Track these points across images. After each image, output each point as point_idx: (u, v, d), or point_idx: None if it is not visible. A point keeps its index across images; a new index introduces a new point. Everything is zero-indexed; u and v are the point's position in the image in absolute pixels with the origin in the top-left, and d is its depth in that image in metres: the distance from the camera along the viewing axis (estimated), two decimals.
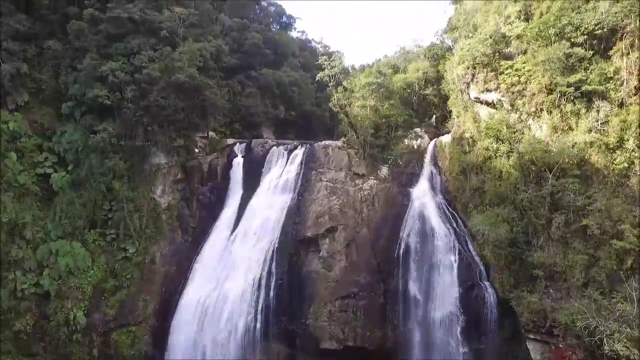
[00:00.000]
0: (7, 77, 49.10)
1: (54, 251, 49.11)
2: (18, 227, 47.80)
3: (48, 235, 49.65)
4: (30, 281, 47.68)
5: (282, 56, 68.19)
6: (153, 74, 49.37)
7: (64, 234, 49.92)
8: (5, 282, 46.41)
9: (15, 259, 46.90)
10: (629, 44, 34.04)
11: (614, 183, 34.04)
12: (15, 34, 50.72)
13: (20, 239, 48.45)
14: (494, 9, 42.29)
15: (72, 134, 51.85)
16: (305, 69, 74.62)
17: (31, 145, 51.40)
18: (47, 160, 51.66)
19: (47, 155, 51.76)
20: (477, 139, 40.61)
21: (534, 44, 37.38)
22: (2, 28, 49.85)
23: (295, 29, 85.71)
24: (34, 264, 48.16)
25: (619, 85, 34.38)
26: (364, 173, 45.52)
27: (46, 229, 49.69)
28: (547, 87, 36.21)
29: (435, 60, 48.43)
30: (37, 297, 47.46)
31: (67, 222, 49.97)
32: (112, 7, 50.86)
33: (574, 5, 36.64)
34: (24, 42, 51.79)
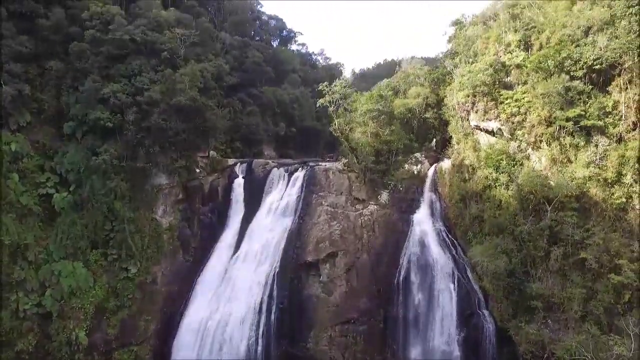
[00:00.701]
0: (9, 99, 49.23)
1: (56, 272, 49.22)
2: (20, 248, 47.92)
3: (50, 256, 49.74)
4: (33, 301, 47.76)
5: (282, 73, 68.45)
6: (154, 96, 49.57)
7: (66, 254, 50.04)
8: (7, 303, 46.52)
9: (17, 279, 47.02)
10: (627, 80, 34.30)
11: (612, 217, 34.41)
12: (18, 55, 50.81)
13: (22, 259, 48.53)
14: (494, 37, 42.50)
15: (74, 155, 51.94)
16: (306, 84, 74.91)
17: (33, 166, 51.47)
18: (49, 180, 51.75)
19: (49, 176, 51.88)
20: (476, 168, 40.92)
21: (534, 75, 37.60)
22: (4, 50, 49.85)
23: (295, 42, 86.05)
24: (36, 285, 48.29)
25: (617, 120, 34.71)
26: (365, 198, 45.80)
27: (48, 249, 49.79)
28: (547, 120, 36.53)
29: (435, 84, 48.66)
30: (39, 317, 47.58)
31: (69, 242, 50.15)
32: (114, 28, 50.83)
33: (574, 38, 36.82)
34: (26, 63, 51.87)
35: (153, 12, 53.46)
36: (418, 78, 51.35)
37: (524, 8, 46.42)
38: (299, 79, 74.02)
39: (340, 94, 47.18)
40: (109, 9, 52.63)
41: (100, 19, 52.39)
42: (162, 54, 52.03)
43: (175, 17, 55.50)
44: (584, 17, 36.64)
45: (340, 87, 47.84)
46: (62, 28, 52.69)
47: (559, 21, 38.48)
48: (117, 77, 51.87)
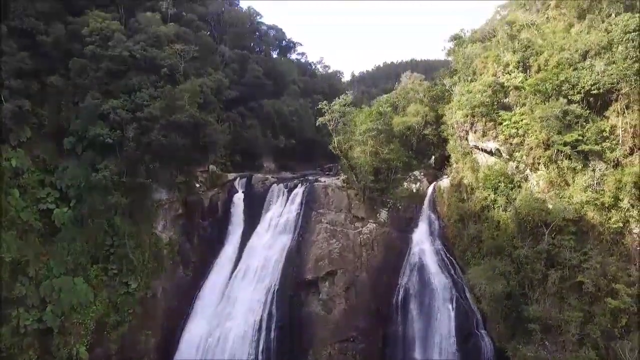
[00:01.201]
0: (10, 116, 49.38)
1: (57, 287, 49.38)
2: (21, 264, 48.21)
3: (51, 272, 49.91)
4: (33, 317, 48.01)
5: (282, 85, 68.61)
6: (154, 113, 49.75)
7: (67, 269, 50.23)
8: (8, 319, 46.78)
9: (18, 295, 47.27)
10: (624, 105, 34.50)
11: (609, 241, 34.66)
12: (18, 71, 50.90)
13: (23, 275, 48.76)
14: (492, 56, 42.70)
15: (74, 170, 51.99)
16: (306, 94, 75.10)
17: (33, 181, 51.60)
18: (49, 195, 51.87)
19: (50, 191, 51.99)
20: (475, 188, 41.15)
21: (532, 98, 37.79)
22: (5, 67, 49.96)
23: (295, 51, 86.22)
24: (36, 300, 48.50)
25: (615, 145, 34.90)
26: (364, 216, 46.03)
27: (49, 265, 49.97)
28: (545, 143, 36.78)
29: (434, 101, 48.85)
30: (40, 333, 47.78)
31: (69, 258, 50.39)
32: (113, 45, 50.95)
33: (571, 61, 37.01)
34: (26, 79, 51.94)
35: (152, 28, 53.54)
36: (417, 94, 51.50)
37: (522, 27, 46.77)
38: (298, 90, 74.17)
39: (339, 113, 47.39)
40: (108, 25, 52.70)
41: (100, 35, 52.49)
42: (162, 70, 52.16)
43: (175, 32, 55.62)
44: (582, 41, 36.85)
45: (340, 105, 48.03)
46: (62, 44, 52.78)
47: (557, 43, 38.68)
48: (117, 93, 52.02)
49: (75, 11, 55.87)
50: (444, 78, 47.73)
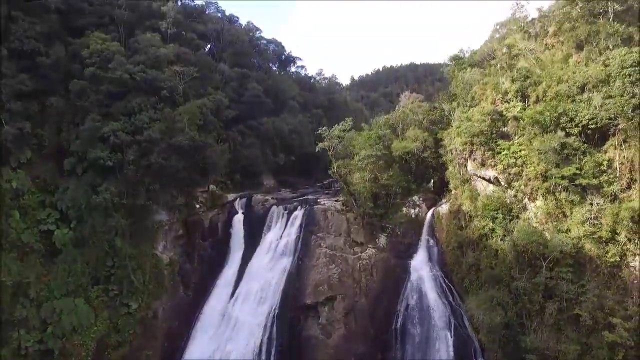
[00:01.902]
0: (10, 139, 49.55)
1: (58, 309, 49.70)
2: (22, 286, 48.47)
3: (52, 293, 50.18)
4: (34, 339, 48.34)
5: (281, 102, 68.75)
6: (154, 136, 49.93)
7: (68, 291, 50.53)
8: (9, 341, 47.11)
9: (19, 317, 47.55)
10: (622, 140, 34.72)
11: (607, 274, 34.93)
12: (18, 93, 51.05)
13: (24, 297, 48.99)
14: (491, 84, 42.85)
15: (75, 191, 52.14)
16: (305, 109, 75.31)
17: (34, 202, 51.88)
18: (49, 216, 52.12)
19: (50, 212, 52.23)
20: (473, 216, 41.39)
21: (530, 129, 37.98)
22: (5, 89, 50.04)
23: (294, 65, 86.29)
24: (37, 322, 48.79)
25: (612, 178, 35.10)
26: (363, 241, 46.29)
27: (50, 286, 50.23)
28: (543, 174, 36.98)
29: (433, 124, 49.03)
30: (41, 354, 48.09)
31: (70, 279, 50.65)
32: (113, 67, 51.06)
33: (570, 93, 37.21)
34: (26, 100, 52.11)
35: (152, 50, 53.62)
36: (416, 115, 51.68)
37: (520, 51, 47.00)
38: (297, 106, 74.31)
39: (338, 138, 47.63)
40: (108, 46, 52.84)
41: (100, 56, 52.64)
42: (161, 91, 52.27)
43: (175, 52, 55.66)
44: (580, 73, 37.01)
45: (339, 131, 48.25)
46: (62, 65, 52.99)
47: (555, 74, 38.85)
48: (117, 114, 52.16)
49: (75, 31, 56.17)
50: (443, 102, 47.86)
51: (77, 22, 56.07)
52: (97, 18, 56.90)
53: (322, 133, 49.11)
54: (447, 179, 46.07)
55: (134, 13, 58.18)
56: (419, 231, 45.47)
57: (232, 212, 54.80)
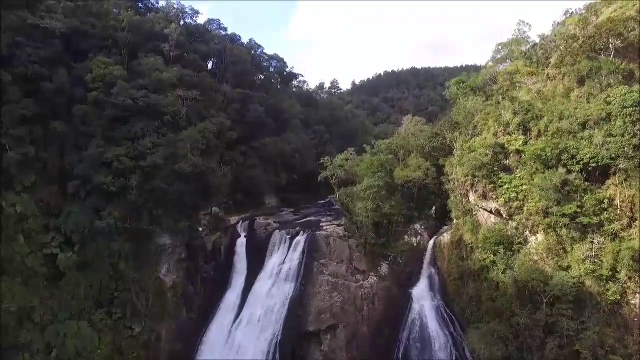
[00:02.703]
0: (14, 164, 49.89)
1: (62, 333, 50.22)
2: (26, 310, 48.92)
3: (56, 317, 50.73)
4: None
5: (283, 121, 68.98)
6: (157, 161, 50.22)
7: (71, 314, 51.08)
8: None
9: (23, 342, 48.01)
10: (623, 179, 34.93)
11: (607, 311, 35.15)
12: (22, 118, 51.35)
13: (28, 321, 49.47)
14: (493, 115, 42.99)
15: (78, 215, 52.56)
16: (307, 126, 75.46)
17: (38, 226, 52.25)
18: (53, 240, 52.55)
19: (54, 235, 52.65)
20: (474, 248, 41.64)
21: (531, 164, 38.18)
22: (9, 115, 50.30)
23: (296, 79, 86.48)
24: (41, 346, 49.39)
25: (613, 216, 35.30)
26: (365, 269, 46.59)
27: (53, 309, 50.78)
28: (544, 210, 37.13)
29: (435, 150, 49.25)
30: None
31: (74, 302, 51.20)
32: (116, 92, 51.30)
33: (571, 129, 37.41)
34: (30, 124, 52.42)
35: (154, 74, 53.84)
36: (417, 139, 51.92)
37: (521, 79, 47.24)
38: (299, 124, 74.50)
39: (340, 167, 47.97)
40: (111, 71, 53.13)
41: (103, 81, 52.91)
42: (164, 116, 52.53)
43: (177, 75, 55.84)
44: (581, 110, 37.19)
45: (341, 160, 48.59)
46: (66, 90, 53.25)
47: (556, 108, 39.01)
48: (120, 139, 52.53)
49: (79, 54, 56.47)
50: (444, 128, 48.08)
51: (81, 45, 56.34)
52: (100, 40, 57.13)
53: (325, 162, 49.48)
54: (449, 208, 46.30)
55: (136, 35, 58.46)
56: (420, 260, 45.74)
57: (235, 235, 55.17)
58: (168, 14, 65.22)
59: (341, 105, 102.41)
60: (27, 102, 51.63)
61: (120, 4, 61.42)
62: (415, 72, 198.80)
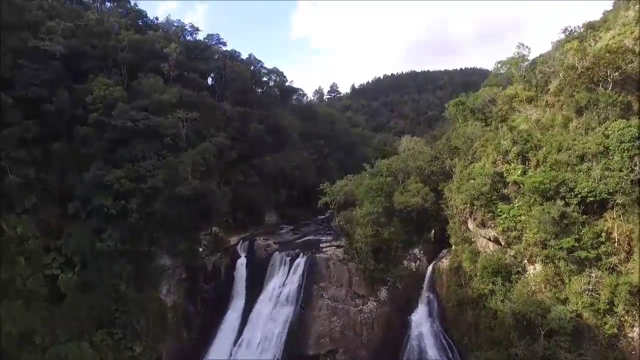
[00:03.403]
0: (15, 187, 50.08)
1: (63, 354, 50.31)
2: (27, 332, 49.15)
3: (57, 338, 50.85)
4: None
5: (283, 138, 69.02)
6: (157, 184, 50.43)
7: (72, 335, 51.25)
8: None
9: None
10: (620, 214, 35.16)
11: (605, 344, 35.40)
12: (22, 140, 51.51)
13: (29, 344, 49.69)
14: (492, 143, 43.18)
15: (79, 236, 52.77)
16: (307, 140, 75.62)
17: (38, 247, 52.43)
18: (54, 261, 52.82)
19: (55, 256, 52.92)
20: (473, 276, 41.89)
21: (530, 195, 38.38)
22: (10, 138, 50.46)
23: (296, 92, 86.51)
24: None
25: (610, 249, 35.51)
26: (364, 294, 46.86)
27: (55, 331, 50.95)
28: (542, 242, 37.37)
29: (434, 175, 49.49)
30: None
31: (75, 323, 51.30)
32: (116, 115, 51.44)
33: (570, 161, 37.62)
34: (30, 146, 52.59)
35: (154, 96, 53.97)
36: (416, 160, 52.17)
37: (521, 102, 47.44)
38: (299, 139, 74.59)
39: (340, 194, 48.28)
40: (112, 92, 53.22)
41: (103, 102, 53.01)
42: (164, 138, 52.68)
43: (177, 96, 55.92)
44: (580, 143, 37.37)
45: (340, 187, 48.89)
46: (66, 111, 53.36)
47: (555, 140, 39.20)
48: (120, 161, 52.66)
49: (79, 74, 56.53)
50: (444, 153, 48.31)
51: (81, 65, 56.49)
52: (101, 61, 57.34)
53: (325, 188, 49.80)
54: (448, 233, 46.53)
55: (136, 55, 58.55)
56: (419, 285, 45.97)
57: (235, 256, 55.46)
58: (168, 31, 65.26)
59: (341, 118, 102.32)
60: (28, 124, 51.84)
61: (121, 22, 61.43)
62: (414, 76, 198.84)
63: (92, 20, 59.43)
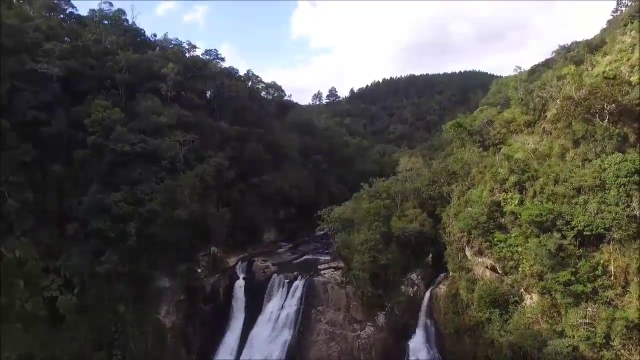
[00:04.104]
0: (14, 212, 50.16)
1: None
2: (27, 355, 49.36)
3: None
4: None
5: (282, 156, 69.06)
6: (156, 208, 50.51)
7: (72, 358, 51.50)
8: None
9: None
10: (617, 247, 35.28)
11: None
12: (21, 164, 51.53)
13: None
14: (490, 171, 43.26)
15: (78, 258, 52.92)
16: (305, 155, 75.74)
17: (37, 269, 52.62)
18: (53, 283, 52.99)
19: (54, 277, 53.10)
20: (470, 304, 42.02)
21: (527, 226, 38.49)
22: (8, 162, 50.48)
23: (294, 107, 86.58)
24: None
25: (607, 283, 35.58)
26: (362, 319, 47.04)
27: (54, 353, 51.22)
28: (538, 274, 37.50)
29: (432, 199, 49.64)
30: None
31: (74, 345, 51.66)
32: (115, 138, 51.47)
33: (567, 194, 37.72)
34: (29, 168, 52.62)
35: (153, 118, 54.03)
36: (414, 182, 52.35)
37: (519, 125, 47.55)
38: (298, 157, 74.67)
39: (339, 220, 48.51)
40: (110, 114, 53.16)
41: (101, 125, 52.99)
42: (162, 161, 52.75)
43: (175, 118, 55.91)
44: (577, 176, 37.46)
45: (339, 215, 49.12)
46: (64, 133, 53.37)
47: (552, 171, 39.29)
48: (118, 183, 52.68)
49: (77, 95, 56.48)
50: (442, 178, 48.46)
51: (79, 86, 56.49)
52: (99, 81, 57.27)
53: (323, 215, 50.10)
54: (445, 259, 46.68)
55: (134, 75, 58.55)
56: (416, 311, 46.08)
57: (234, 277, 55.67)
58: (166, 49, 65.20)
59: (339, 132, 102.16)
60: (27, 147, 51.88)
61: (119, 41, 61.39)
62: (413, 80, 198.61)
63: (90, 40, 59.33)
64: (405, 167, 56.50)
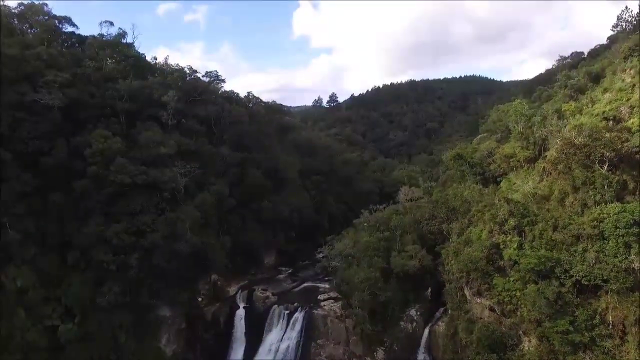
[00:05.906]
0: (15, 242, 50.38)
1: None
2: None
3: None
4: None
5: (282, 180, 69.17)
6: (156, 241, 50.73)
7: None
8: None
9: None
10: (616, 300, 35.52)
11: None
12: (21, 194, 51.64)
13: None
14: (490, 211, 43.39)
15: (78, 287, 53.16)
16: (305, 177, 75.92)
17: (38, 298, 52.79)
18: (54, 312, 53.19)
19: (55, 306, 53.31)
20: (468, 344, 42.27)
21: (526, 272, 38.68)
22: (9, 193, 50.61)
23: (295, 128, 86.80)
24: None
25: (605, 332, 35.80)
26: (361, 354, 47.46)
27: None
28: (537, 320, 37.75)
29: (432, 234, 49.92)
30: None
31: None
32: (115, 169, 51.55)
33: (565, 241, 37.94)
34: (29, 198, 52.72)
35: (153, 149, 54.12)
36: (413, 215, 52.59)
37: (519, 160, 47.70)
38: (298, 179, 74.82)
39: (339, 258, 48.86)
40: (110, 145, 53.17)
41: (102, 155, 53.02)
42: (163, 193, 52.85)
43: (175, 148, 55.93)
44: (575, 224, 37.66)
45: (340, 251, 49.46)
46: (65, 163, 53.43)
47: (551, 216, 39.50)
48: (119, 214, 52.80)
49: (78, 123, 56.46)
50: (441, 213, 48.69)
51: (80, 115, 56.40)
52: (99, 110, 57.25)
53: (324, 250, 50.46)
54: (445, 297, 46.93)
55: (135, 103, 58.52)
56: (415, 347, 46.46)
57: (234, 306, 56.06)
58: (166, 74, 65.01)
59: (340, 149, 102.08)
60: (27, 177, 52.00)
61: (119, 68, 61.31)
62: (414, 86, 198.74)
63: (91, 67, 59.28)
64: (405, 196, 56.73)
